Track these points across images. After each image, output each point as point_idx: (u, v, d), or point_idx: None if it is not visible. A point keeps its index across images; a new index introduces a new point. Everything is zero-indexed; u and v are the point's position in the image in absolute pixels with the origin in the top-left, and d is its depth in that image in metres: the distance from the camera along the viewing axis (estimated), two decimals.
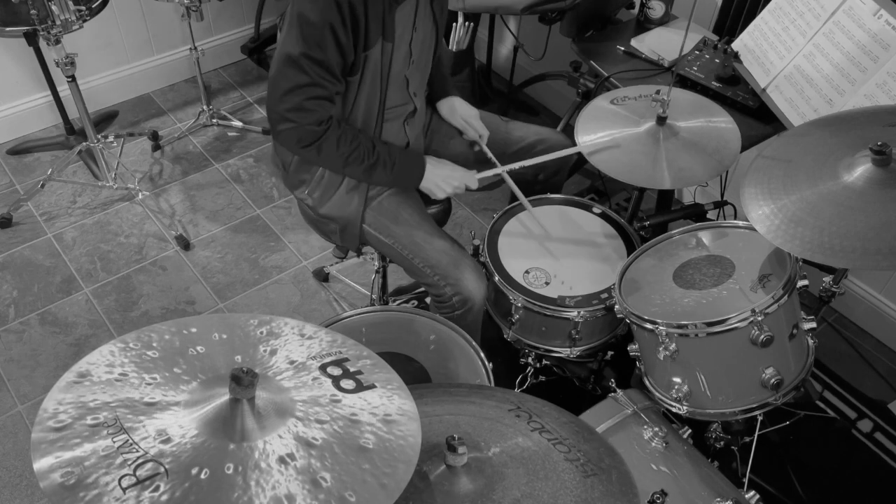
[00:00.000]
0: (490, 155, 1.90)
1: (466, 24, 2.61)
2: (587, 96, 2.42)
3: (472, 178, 1.85)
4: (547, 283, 1.82)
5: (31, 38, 2.49)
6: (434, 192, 1.83)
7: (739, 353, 1.51)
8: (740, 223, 1.70)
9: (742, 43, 2.06)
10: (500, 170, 1.88)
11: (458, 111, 1.96)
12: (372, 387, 1.02)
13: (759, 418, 1.66)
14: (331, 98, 1.64)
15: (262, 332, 1.08)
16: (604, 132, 1.79)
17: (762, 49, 1.99)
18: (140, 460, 0.86)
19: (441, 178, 1.82)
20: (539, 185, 2.04)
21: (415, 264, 1.83)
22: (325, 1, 1.52)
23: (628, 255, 1.83)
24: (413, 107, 1.85)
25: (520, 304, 1.79)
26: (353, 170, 1.74)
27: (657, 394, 1.65)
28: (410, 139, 1.88)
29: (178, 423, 0.91)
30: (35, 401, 2.26)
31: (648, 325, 1.55)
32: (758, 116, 1.97)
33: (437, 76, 1.95)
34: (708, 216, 2.06)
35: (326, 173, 1.82)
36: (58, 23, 2.37)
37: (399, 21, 1.65)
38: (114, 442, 0.87)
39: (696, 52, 2.13)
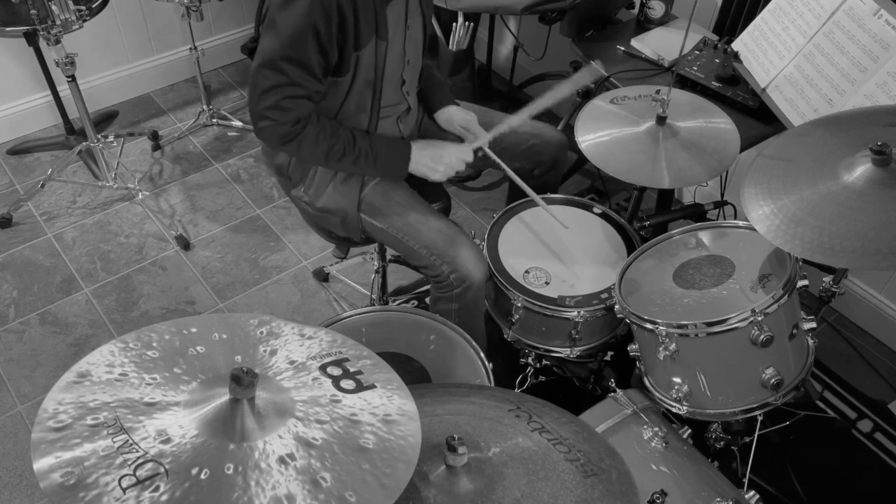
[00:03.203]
0: (494, 157, 1.89)
1: (466, 24, 2.61)
2: (587, 96, 2.42)
3: (466, 151, 1.80)
4: (547, 283, 1.82)
5: (31, 38, 2.49)
6: (428, 175, 1.79)
7: (739, 353, 1.51)
8: (740, 223, 1.70)
9: (742, 43, 2.06)
10: (486, 139, 1.84)
11: (455, 120, 1.93)
12: (372, 387, 1.02)
13: (759, 418, 1.66)
14: (310, 97, 1.63)
15: (262, 332, 1.08)
16: (604, 132, 1.79)
17: (762, 49, 1.99)
18: (140, 460, 0.86)
19: (430, 157, 1.77)
20: (535, 180, 2.04)
21: (411, 246, 1.82)
22: (310, 1, 1.51)
23: (628, 255, 1.83)
24: (407, 105, 1.85)
25: (520, 304, 1.79)
26: (335, 164, 1.73)
27: (657, 394, 1.65)
28: (404, 135, 1.88)
29: (178, 423, 0.91)
30: (35, 401, 2.26)
31: (648, 325, 1.55)
32: (758, 116, 1.98)
33: (432, 84, 1.94)
34: (708, 216, 2.06)
35: (318, 170, 1.82)
36: (58, 23, 2.37)
37: (391, 18, 1.65)
38: (114, 442, 0.87)
39: (696, 52, 2.13)
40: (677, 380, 1.59)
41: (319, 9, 1.52)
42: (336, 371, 1.03)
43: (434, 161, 1.78)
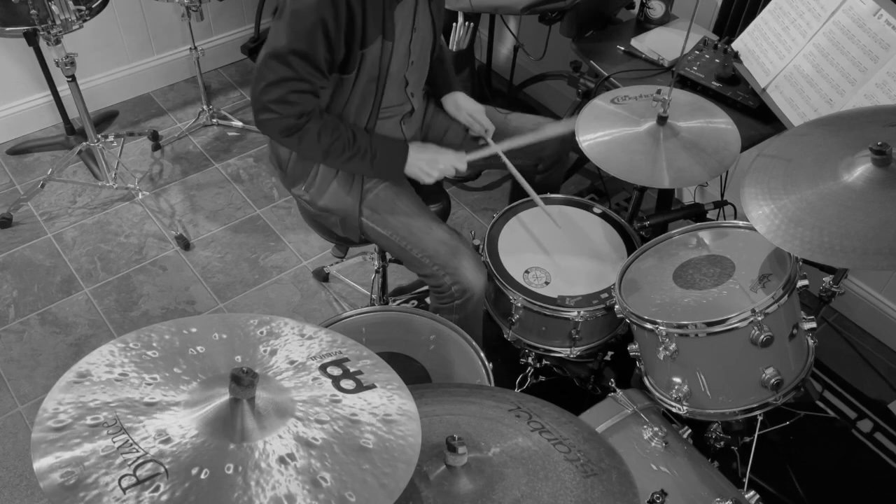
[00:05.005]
0: (498, 150, 1.89)
1: (466, 23, 2.60)
2: (587, 96, 2.42)
3: (461, 159, 1.82)
4: (547, 283, 1.82)
5: (31, 38, 2.49)
6: (420, 178, 1.81)
7: (739, 353, 1.51)
8: (740, 223, 1.70)
9: (742, 43, 2.06)
10: (495, 149, 1.86)
11: (464, 107, 1.95)
12: (372, 387, 1.02)
13: (759, 418, 1.66)
14: (314, 92, 1.64)
15: (262, 332, 1.08)
16: (604, 131, 1.79)
17: (762, 49, 1.99)
18: (140, 460, 0.86)
19: (425, 161, 1.79)
20: (538, 175, 2.04)
21: (413, 255, 1.82)
22: None
23: (628, 255, 1.83)
24: (410, 107, 1.85)
25: (520, 304, 1.79)
26: (333, 161, 1.74)
27: (657, 394, 1.65)
28: (407, 138, 1.88)
29: (178, 423, 0.91)
30: (35, 401, 2.26)
31: (648, 325, 1.55)
32: (758, 116, 1.97)
33: (440, 71, 1.94)
34: (708, 216, 2.06)
35: (321, 169, 1.82)
36: (58, 23, 2.37)
37: (399, 19, 1.65)
38: (114, 442, 0.87)
39: (696, 52, 2.13)
40: (677, 380, 1.59)
41: (329, 4, 1.52)
42: (336, 371, 1.03)
43: (429, 165, 1.80)
